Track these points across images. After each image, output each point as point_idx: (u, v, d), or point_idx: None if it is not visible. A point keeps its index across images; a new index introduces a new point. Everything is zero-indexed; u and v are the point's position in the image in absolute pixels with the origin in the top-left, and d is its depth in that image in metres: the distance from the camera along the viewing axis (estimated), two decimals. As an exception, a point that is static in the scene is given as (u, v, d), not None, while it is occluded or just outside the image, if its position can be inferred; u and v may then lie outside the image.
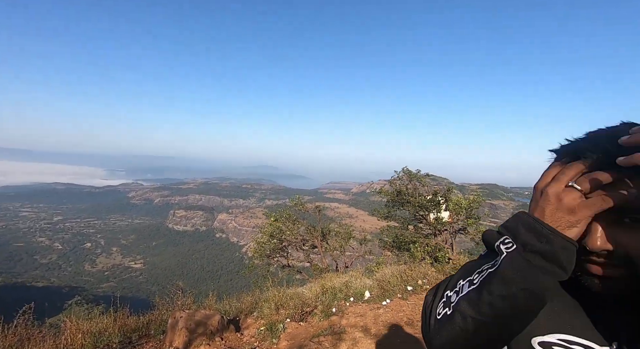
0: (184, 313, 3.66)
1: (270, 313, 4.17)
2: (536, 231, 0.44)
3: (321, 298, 4.64)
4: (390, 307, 4.15)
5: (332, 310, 4.17)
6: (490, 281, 0.46)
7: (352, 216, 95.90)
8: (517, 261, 0.44)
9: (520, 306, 0.44)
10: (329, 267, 9.75)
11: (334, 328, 3.53)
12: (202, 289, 33.09)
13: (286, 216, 10.03)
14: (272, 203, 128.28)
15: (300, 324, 3.83)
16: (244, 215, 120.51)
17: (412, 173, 8.72)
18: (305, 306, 4.36)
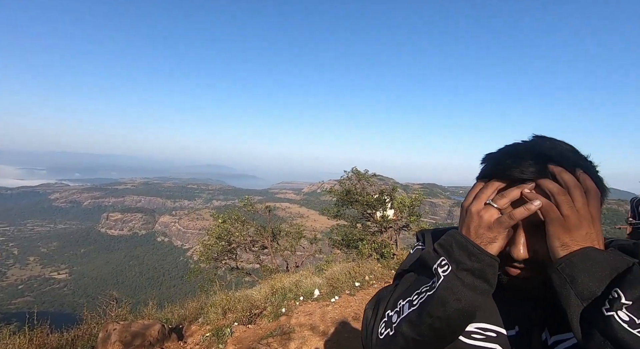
0: (117, 324, 3.35)
1: (216, 317, 4.01)
2: (467, 250, 0.49)
3: (271, 298, 4.59)
4: (339, 303, 4.27)
5: (281, 310, 4.15)
6: (429, 304, 0.50)
7: (303, 216, 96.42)
8: (452, 284, 0.48)
9: (456, 323, 0.49)
10: (280, 267, 9.68)
11: (283, 328, 3.51)
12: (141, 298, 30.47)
13: (235, 217, 9.71)
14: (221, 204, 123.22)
15: (248, 327, 3.75)
16: (189, 217, 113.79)
17: (361, 173, 9.06)
18: (254, 308, 4.28)
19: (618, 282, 0.40)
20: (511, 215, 0.47)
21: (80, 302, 55.66)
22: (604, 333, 0.39)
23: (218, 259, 9.81)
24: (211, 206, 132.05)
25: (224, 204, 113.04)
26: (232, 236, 9.42)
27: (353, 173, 9.12)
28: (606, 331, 0.39)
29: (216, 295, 4.86)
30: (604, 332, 0.39)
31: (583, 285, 0.42)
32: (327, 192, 9.97)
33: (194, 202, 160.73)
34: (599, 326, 0.39)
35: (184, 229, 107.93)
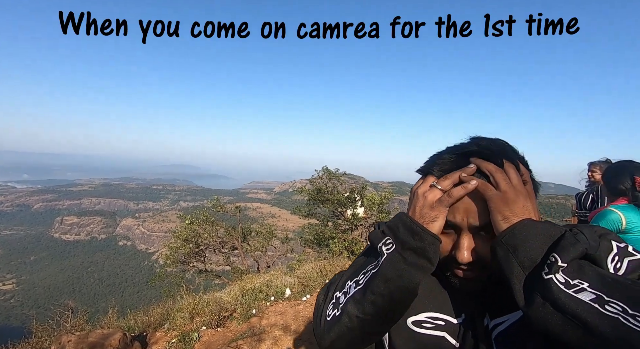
0: (73, 336, 3.12)
1: (183, 322, 3.86)
2: (411, 230, 0.52)
3: (241, 300, 4.50)
4: (310, 302, 4.27)
5: (252, 312, 4.09)
6: (372, 281, 0.53)
7: (274, 216, 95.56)
8: (395, 261, 0.51)
9: (398, 301, 0.52)
10: (250, 268, 9.52)
11: (254, 329, 3.46)
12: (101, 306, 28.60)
13: (203, 218, 9.41)
14: (188, 205, 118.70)
15: (217, 331, 3.65)
16: (154, 219, 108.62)
17: (331, 172, 9.14)
18: (224, 311, 4.17)
19: (554, 248, 0.44)
20: (450, 194, 0.51)
21: (30, 314, 51.09)
22: (544, 296, 0.42)
23: (185, 262, 9.46)
24: (178, 207, 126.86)
25: (192, 205, 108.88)
26: (200, 238, 9.12)
27: (324, 172, 9.19)
28: (546, 293, 0.42)
29: (183, 299, 4.68)
30: (543, 294, 0.42)
31: (524, 254, 0.45)
32: (298, 192, 9.96)
33: (160, 204, 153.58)
34: (539, 290, 0.42)
35: (148, 232, 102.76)
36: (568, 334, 0.40)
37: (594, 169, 3.39)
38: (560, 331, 0.40)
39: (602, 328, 0.37)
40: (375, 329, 0.56)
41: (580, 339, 0.39)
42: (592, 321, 0.38)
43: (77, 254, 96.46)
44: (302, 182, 11.56)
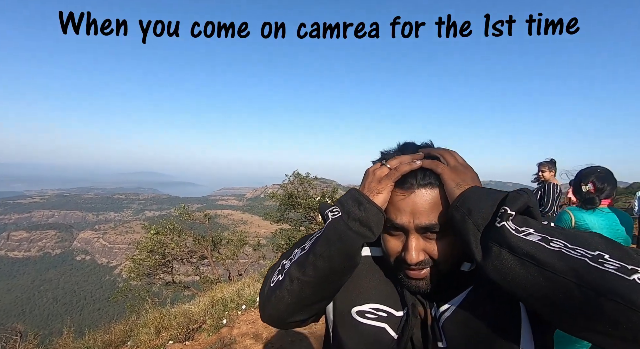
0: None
1: (148, 338, 3.67)
2: (357, 200, 0.55)
3: (210, 311, 4.36)
4: (283, 308, 4.25)
5: (222, 322, 3.97)
6: (315, 244, 0.55)
7: (246, 222, 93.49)
8: (339, 225, 0.54)
9: (337, 265, 0.54)
10: (221, 277, 9.25)
11: (224, 340, 3.37)
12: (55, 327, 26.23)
13: (170, 227, 9.02)
14: (154, 214, 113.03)
15: (185, 345, 3.51)
16: (116, 230, 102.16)
17: (302, 176, 9.15)
18: (192, 323, 4.02)
19: (502, 203, 0.48)
20: (397, 168, 0.55)
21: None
22: (500, 242, 0.45)
23: (151, 275, 9.00)
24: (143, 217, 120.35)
25: (157, 214, 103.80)
26: (167, 248, 8.73)
27: (295, 177, 9.18)
28: (500, 239, 0.45)
29: (149, 314, 4.45)
30: (499, 241, 0.45)
31: (478, 214, 0.48)
32: (270, 197, 9.86)
33: (122, 214, 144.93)
34: (494, 238, 0.45)
35: (109, 244, 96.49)
36: (523, 274, 0.43)
37: (543, 169, 3.73)
38: (516, 274, 0.43)
39: (550, 259, 0.41)
40: (314, 297, 0.57)
41: (535, 278, 0.42)
42: (541, 257, 0.42)
43: (27, 272, 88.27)
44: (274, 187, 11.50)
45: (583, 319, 0.40)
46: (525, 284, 0.43)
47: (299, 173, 9.16)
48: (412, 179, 0.55)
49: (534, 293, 0.43)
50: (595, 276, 0.38)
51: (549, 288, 0.41)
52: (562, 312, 0.41)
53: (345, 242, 0.53)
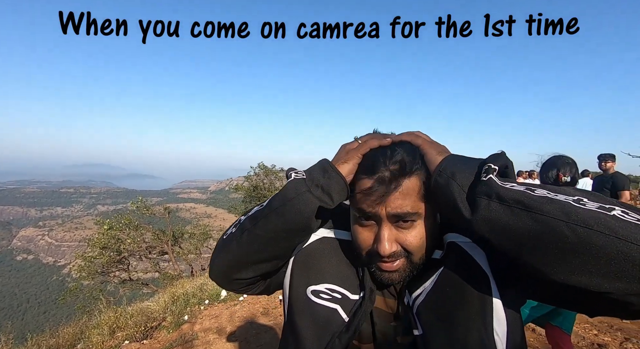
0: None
1: (101, 339, 3.45)
2: (323, 168, 0.56)
3: (171, 307, 4.19)
4: (247, 301, 4.19)
5: (183, 318, 3.84)
6: (273, 199, 0.56)
7: (210, 216, 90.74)
8: (299, 185, 0.54)
9: (289, 223, 0.54)
10: (183, 273, 8.92)
11: (185, 336, 3.25)
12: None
13: (126, 222, 8.49)
14: (108, 209, 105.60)
15: (142, 344, 3.34)
16: (65, 227, 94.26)
17: (268, 168, 9.01)
18: (151, 321, 3.84)
19: (484, 162, 0.50)
20: (367, 142, 0.57)
21: None
22: (488, 194, 0.45)
23: (105, 273, 8.44)
24: (95, 212, 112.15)
25: (112, 209, 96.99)
26: (122, 244, 8.22)
27: (260, 169, 9.02)
28: (488, 190, 0.46)
29: (102, 314, 4.17)
30: (487, 193, 0.46)
31: (462, 176, 0.49)
32: (235, 190, 9.61)
33: (71, 209, 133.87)
34: (482, 192, 0.46)
35: (56, 242, 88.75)
36: (513, 221, 0.43)
37: None
38: (506, 222, 0.43)
39: (538, 204, 0.42)
40: (260, 253, 0.57)
41: (525, 223, 0.42)
42: (529, 202, 0.43)
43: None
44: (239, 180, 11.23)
45: (575, 259, 0.40)
46: (516, 231, 0.43)
47: (265, 165, 9.01)
48: (382, 166, 0.52)
49: (525, 241, 0.43)
50: (580, 214, 0.40)
51: (539, 231, 0.41)
52: (554, 255, 0.41)
53: (301, 201, 0.53)
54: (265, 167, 8.98)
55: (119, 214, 9.07)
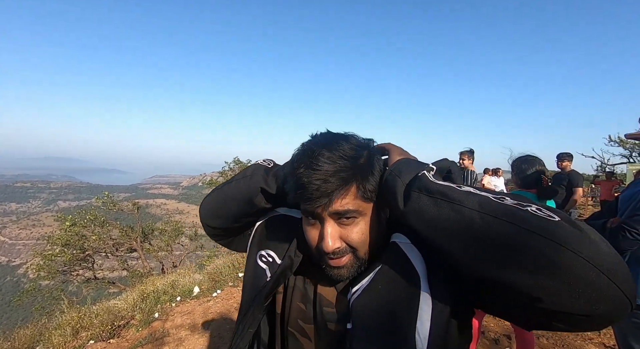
0: None
1: (63, 340, 3.27)
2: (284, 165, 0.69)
3: (140, 305, 4.05)
4: (221, 297, 4.13)
5: (153, 316, 3.72)
6: (242, 171, 0.75)
7: (182, 212, 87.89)
8: (259, 169, 0.73)
9: (239, 193, 0.71)
10: (153, 270, 8.60)
11: (155, 334, 3.16)
12: (-63, 341, 21.76)
13: (90, 218, 8.04)
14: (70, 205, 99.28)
15: (109, 343, 3.20)
16: (20, 224, 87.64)
17: (243, 163, 8.87)
18: (118, 320, 3.69)
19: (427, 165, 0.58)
20: None
21: None
22: (419, 187, 0.51)
23: (67, 272, 7.97)
24: (56, 208, 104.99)
25: (75, 204, 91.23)
26: (86, 241, 7.78)
27: (235, 164, 8.86)
28: (420, 185, 0.51)
29: (64, 315, 3.95)
30: (418, 186, 0.51)
31: (406, 173, 0.54)
32: (208, 185, 9.37)
33: (28, 206, 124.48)
34: (415, 185, 0.52)
35: (10, 240, 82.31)
36: (437, 212, 0.47)
37: (463, 157, 4.21)
38: (431, 213, 0.48)
39: (459, 196, 0.47)
40: (219, 210, 0.75)
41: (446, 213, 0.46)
42: (452, 194, 0.48)
43: None
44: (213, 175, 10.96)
45: (482, 247, 0.42)
46: (437, 220, 0.47)
47: (240, 160, 8.86)
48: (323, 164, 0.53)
49: (445, 230, 0.46)
50: (494, 206, 0.44)
51: (455, 220, 0.45)
52: (467, 244, 0.44)
53: (252, 178, 0.70)
54: (240, 162, 8.84)
55: (82, 210, 8.58)
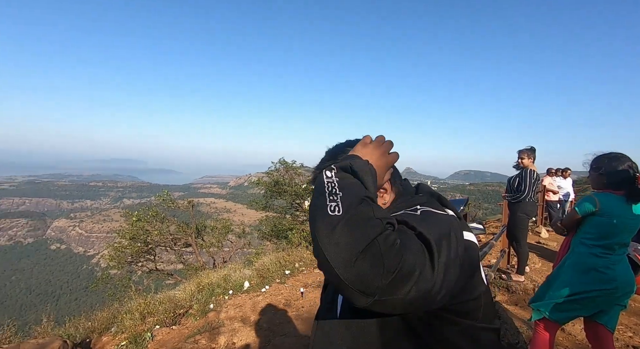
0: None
1: (133, 324, 3.62)
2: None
3: (197, 296, 4.35)
4: (269, 292, 4.28)
5: (209, 307, 3.97)
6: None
7: (230, 211, 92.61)
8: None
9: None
10: (206, 265, 9.19)
11: (212, 323, 3.37)
12: (31, 318, 25.46)
13: (152, 214, 8.82)
14: (133, 202, 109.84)
15: (172, 329, 3.49)
16: (93, 219, 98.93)
17: (288, 164, 9.09)
18: (178, 308, 4.00)
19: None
20: None
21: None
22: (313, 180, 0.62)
23: (133, 263, 8.82)
24: (122, 205, 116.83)
25: (137, 202, 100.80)
26: (149, 236, 8.55)
27: (281, 164, 9.11)
28: (319, 178, 0.57)
29: (132, 301, 4.38)
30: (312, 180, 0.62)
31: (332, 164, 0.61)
32: (255, 184, 9.77)
33: (99, 202, 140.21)
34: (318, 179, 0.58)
35: (86, 233, 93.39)
36: (316, 186, 0.57)
37: (522, 156, 3.85)
38: (315, 190, 0.57)
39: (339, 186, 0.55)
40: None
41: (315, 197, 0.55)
42: (316, 183, 0.59)
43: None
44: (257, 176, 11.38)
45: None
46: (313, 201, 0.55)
47: (285, 160, 9.10)
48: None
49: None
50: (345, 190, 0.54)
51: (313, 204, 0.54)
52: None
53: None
54: (285, 162, 9.06)
55: (145, 207, 9.44)
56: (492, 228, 7.64)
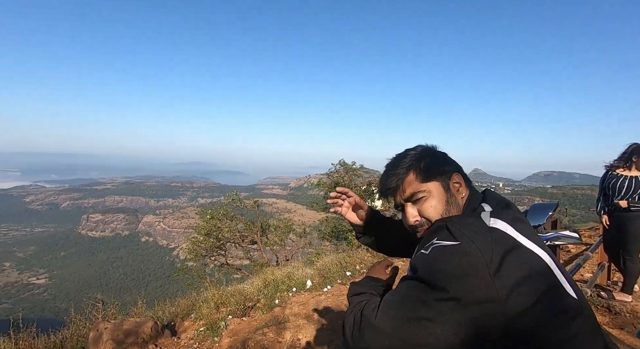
0: (109, 323, 3.29)
1: (209, 312, 3.99)
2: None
3: (263, 291, 4.60)
4: (332, 293, 4.32)
5: (274, 302, 4.17)
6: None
7: (290, 211, 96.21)
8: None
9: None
10: (270, 261, 9.68)
11: (278, 318, 3.53)
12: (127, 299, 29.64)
13: (223, 213, 9.61)
14: (206, 201, 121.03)
15: (242, 320, 3.75)
16: (174, 216, 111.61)
17: (348, 165, 9.10)
18: (248, 301, 4.28)
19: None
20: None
21: (62, 307, 53.75)
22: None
23: (207, 256, 9.71)
24: (196, 203, 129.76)
25: (209, 201, 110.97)
26: (221, 232, 9.33)
27: (341, 165, 9.16)
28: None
29: (207, 291, 4.82)
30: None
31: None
32: (315, 186, 9.98)
33: (179, 201, 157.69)
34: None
35: (169, 228, 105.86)
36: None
37: (635, 159, 3.05)
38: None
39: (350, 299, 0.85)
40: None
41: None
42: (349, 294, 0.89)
43: (102, 250, 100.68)
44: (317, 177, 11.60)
45: None
46: None
47: (345, 162, 9.13)
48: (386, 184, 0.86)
49: None
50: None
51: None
52: None
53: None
54: (345, 164, 9.08)
55: (216, 206, 10.34)
56: (584, 237, 6.62)
